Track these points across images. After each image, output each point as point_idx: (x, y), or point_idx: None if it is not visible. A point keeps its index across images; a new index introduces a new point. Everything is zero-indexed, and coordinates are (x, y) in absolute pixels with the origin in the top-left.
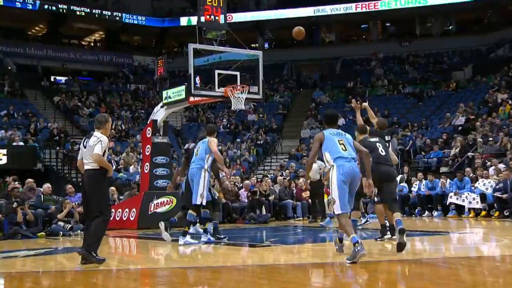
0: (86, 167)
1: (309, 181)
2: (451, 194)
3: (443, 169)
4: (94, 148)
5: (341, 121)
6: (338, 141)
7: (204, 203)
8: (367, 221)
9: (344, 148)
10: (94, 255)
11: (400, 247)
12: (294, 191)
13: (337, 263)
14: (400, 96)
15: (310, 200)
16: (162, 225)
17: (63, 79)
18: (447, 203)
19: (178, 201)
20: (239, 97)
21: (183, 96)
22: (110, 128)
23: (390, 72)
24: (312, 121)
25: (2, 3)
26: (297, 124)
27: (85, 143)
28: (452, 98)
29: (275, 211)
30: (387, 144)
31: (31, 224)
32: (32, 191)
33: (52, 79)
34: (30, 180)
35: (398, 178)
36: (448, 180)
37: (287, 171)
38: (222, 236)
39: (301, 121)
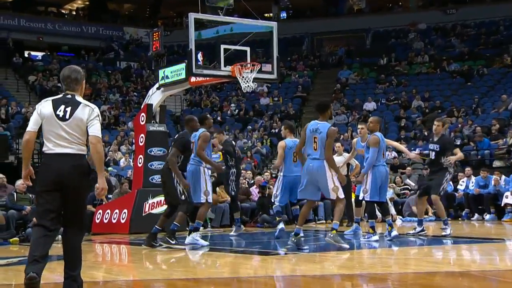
0: (67, 150)
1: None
2: (507, 193)
3: (497, 163)
4: (93, 123)
5: (372, 105)
6: (314, 138)
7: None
8: (423, 230)
9: (315, 147)
10: None
11: None
12: None
13: (366, 274)
14: (444, 75)
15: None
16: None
17: (39, 55)
18: (502, 204)
19: None
20: (248, 77)
21: (183, 76)
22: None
23: (432, 46)
24: (337, 105)
25: None
26: None
27: (62, 112)
28: (508, 77)
29: (292, 213)
30: None
31: (1, 228)
32: (3, 188)
33: (26, 55)
34: (0, 175)
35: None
36: (503, 177)
37: None
38: (173, 242)
39: None
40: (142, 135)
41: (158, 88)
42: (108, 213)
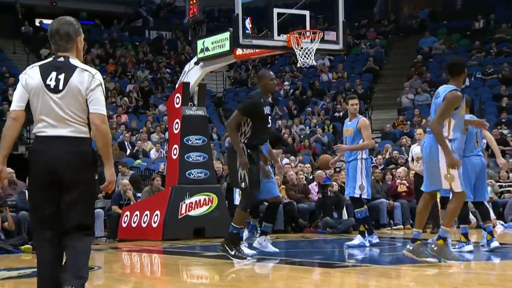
0: (62, 131)
1: (413, 172)
2: None
3: None
4: (94, 96)
5: None
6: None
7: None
8: None
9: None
10: None
11: None
12: (390, 186)
13: None
14: None
15: (415, 200)
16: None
17: None
18: None
19: (220, 200)
20: (308, 48)
21: (227, 47)
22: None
23: None
24: (418, 81)
25: None
26: (395, 86)
27: (53, 81)
28: None
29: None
30: None
31: (11, 233)
32: (12, 186)
33: (37, 24)
34: (9, 170)
35: None
36: None
37: (379, 156)
38: (233, 253)
39: (401, 82)
40: (177, 120)
41: (196, 63)
42: (137, 215)
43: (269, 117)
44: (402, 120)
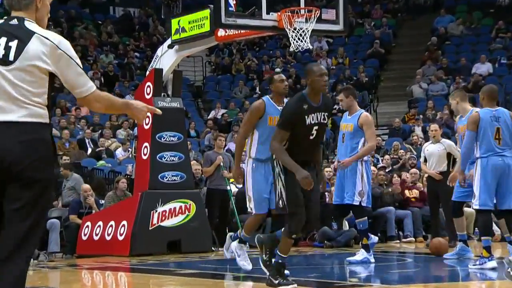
0: (11, 116)
1: (426, 175)
2: None
3: None
4: (66, 70)
5: (486, 68)
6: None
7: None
8: None
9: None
10: None
11: None
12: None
13: None
14: None
15: (429, 207)
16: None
17: None
18: None
19: (198, 207)
20: (302, 29)
21: (207, 27)
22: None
23: None
24: (432, 68)
25: None
26: (405, 74)
27: (2, 49)
28: None
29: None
30: None
31: None
32: None
33: None
34: None
35: None
36: None
37: (386, 156)
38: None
39: (412, 69)
40: (148, 114)
41: (170, 46)
42: (99, 226)
43: (315, 127)
44: (413, 113)
